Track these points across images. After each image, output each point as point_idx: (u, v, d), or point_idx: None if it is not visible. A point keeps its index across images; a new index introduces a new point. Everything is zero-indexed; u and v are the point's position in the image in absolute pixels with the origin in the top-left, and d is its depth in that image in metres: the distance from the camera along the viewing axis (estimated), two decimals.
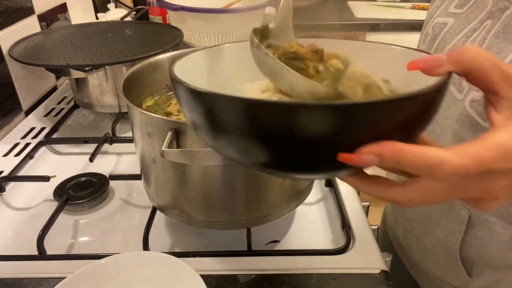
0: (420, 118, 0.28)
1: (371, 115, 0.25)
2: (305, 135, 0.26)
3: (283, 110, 0.26)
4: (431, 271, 0.58)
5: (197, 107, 0.29)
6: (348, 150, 0.26)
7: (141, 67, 0.58)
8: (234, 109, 0.27)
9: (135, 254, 0.46)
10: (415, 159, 0.25)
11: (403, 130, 0.27)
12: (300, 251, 0.53)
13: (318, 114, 0.25)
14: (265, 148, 0.28)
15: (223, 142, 0.31)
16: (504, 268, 0.50)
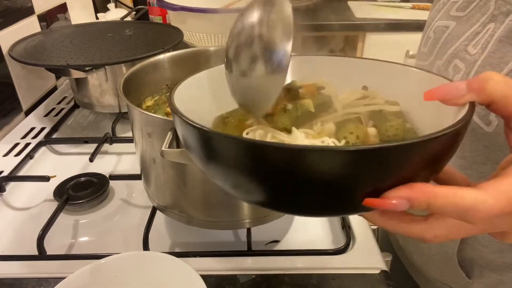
0: (447, 154, 0.27)
1: (398, 157, 0.24)
2: (324, 179, 0.24)
3: (299, 154, 0.23)
4: (430, 274, 0.58)
5: (195, 141, 0.28)
6: (373, 195, 0.25)
7: (141, 67, 0.58)
8: (250, 154, 0.25)
9: (135, 254, 0.46)
10: (449, 203, 0.24)
11: (430, 167, 0.26)
12: (300, 251, 0.53)
13: (335, 158, 0.23)
14: (275, 191, 0.27)
15: (218, 175, 0.29)
16: (504, 269, 0.50)
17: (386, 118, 0.33)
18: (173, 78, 0.61)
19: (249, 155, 0.25)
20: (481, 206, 0.23)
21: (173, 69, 0.61)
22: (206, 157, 0.28)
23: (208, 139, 0.27)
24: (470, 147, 0.46)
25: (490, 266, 0.51)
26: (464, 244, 0.51)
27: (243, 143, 0.25)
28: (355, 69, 0.39)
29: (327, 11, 1.77)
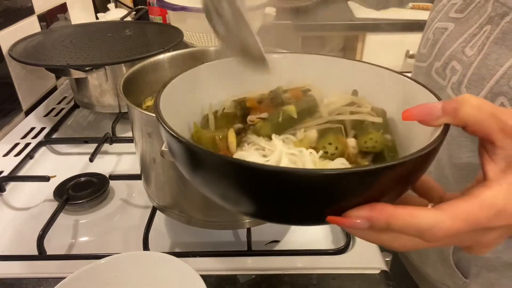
0: (417, 173, 0.28)
1: (362, 181, 0.25)
2: (291, 197, 0.26)
3: (267, 174, 0.25)
4: (428, 274, 0.58)
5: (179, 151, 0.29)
6: (337, 212, 0.26)
7: (141, 67, 0.58)
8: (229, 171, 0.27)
9: (135, 254, 0.46)
10: (407, 223, 0.25)
11: (399, 187, 0.27)
12: (300, 251, 0.53)
13: (305, 180, 0.24)
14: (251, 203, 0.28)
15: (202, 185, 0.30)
16: (500, 269, 0.50)
17: (367, 130, 0.34)
18: None
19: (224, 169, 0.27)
20: (437, 226, 0.25)
21: (173, 69, 0.61)
22: (189, 167, 0.29)
23: (188, 151, 0.28)
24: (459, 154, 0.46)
25: (486, 266, 0.51)
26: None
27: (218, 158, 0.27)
28: (346, 71, 0.39)
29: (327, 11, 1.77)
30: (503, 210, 0.25)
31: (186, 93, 0.37)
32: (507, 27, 0.42)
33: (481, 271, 0.52)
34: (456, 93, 0.47)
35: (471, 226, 0.25)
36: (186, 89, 0.37)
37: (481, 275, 0.52)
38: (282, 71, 0.40)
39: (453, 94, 0.47)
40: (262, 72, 0.38)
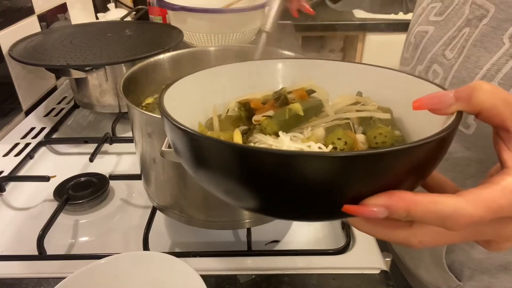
0: (432, 161, 0.27)
1: (380, 165, 0.24)
2: (305, 185, 0.24)
3: (283, 159, 0.23)
4: (423, 278, 0.58)
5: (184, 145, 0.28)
6: (354, 201, 0.25)
7: (141, 67, 0.58)
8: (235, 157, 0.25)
9: (135, 254, 0.46)
10: (428, 211, 0.24)
11: (415, 175, 0.26)
12: (300, 251, 0.53)
13: (319, 164, 0.23)
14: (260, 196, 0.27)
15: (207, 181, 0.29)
16: (493, 271, 0.50)
17: (375, 125, 0.33)
18: (173, 78, 0.60)
19: (233, 158, 0.25)
20: (460, 213, 0.23)
21: (173, 69, 0.61)
22: (195, 161, 0.28)
23: (194, 142, 0.27)
24: (452, 149, 0.46)
25: (479, 268, 0.51)
26: (452, 246, 0.51)
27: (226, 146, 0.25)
28: (350, 74, 0.39)
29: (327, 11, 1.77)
30: None
31: (190, 96, 0.36)
32: (485, 30, 0.42)
33: (475, 274, 0.52)
34: None
35: (494, 214, 0.24)
36: (189, 92, 0.37)
37: (474, 277, 0.52)
38: (284, 76, 0.40)
39: None
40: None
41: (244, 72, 0.39)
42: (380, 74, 0.37)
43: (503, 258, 0.49)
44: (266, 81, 0.39)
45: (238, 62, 0.40)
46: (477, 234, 0.27)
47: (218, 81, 0.39)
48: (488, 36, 0.41)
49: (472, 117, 0.42)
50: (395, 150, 0.24)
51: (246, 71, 0.39)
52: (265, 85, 0.39)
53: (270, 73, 0.40)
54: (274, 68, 0.40)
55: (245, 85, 0.39)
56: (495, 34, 0.41)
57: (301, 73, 0.40)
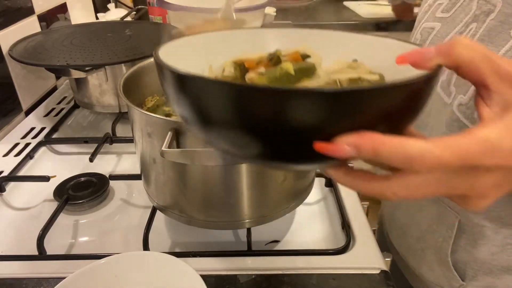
0: (406, 110, 0.27)
1: (354, 103, 0.24)
2: (282, 121, 0.25)
3: (264, 95, 0.24)
4: (424, 276, 0.58)
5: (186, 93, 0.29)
6: (327, 140, 0.25)
7: (141, 67, 0.58)
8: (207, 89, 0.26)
9: (135, 254, 0.46)
10: (394, 151, 0.24)
11: (387, 121, 0.26)
12: (300, 251, 0.53)
13: (295, 99, 0.24)
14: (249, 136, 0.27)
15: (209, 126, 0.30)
16: (496, 272, 0.50)
17: (363, 84, 0.33)
18: None
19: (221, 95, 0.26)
20: (426, 155, 0.23)
21: None
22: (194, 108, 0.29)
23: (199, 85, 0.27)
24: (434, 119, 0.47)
25: (482, 268, 0.51)
26: (456, 246, 0.51)
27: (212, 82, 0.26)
28: (345, 43, 0.39)
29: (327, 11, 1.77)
30: (498, 147, 0.24)
31: (185, 57, 0.36)
32: (492, 24, 0.42)
33: (477, 274, 0.52)
34: (446, 93, 0.47)
35: (461, 159, 0.24)
36: (184, 53, 0.37)
37: (477, 277, 0.52)
38: (280, 43, 0.40)
39: (444, 94, 0.47)
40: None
41: (240, 38, 0.39)
42: (376, 42, 0.37)
43: (507, 259, 0.49)
44: (261, 47, 0.39)
45: (234, 29, 0.40)
46: (449, 186, 0.26)
47: (213, 45, 0.39)
48: (495, 30, 0.42)
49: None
50: (368, 89, 0.24)
51: (241, 37, 0.39)
52: (261, 51, 0.39)
53: (266, 40, 0.40)
54: (271, 36, 0.40)
55: (240, 50, 0.39)
56: (502, 29, 0.41)
57: (297, 41, 0.40)
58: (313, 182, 0.57)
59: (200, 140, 0.44)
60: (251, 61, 0.37)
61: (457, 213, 0.49)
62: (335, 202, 0.62)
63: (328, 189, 0.66)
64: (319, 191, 0.65)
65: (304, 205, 0.59)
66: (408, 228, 0.60)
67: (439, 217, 0.52)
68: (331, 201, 0.63)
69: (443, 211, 0.51)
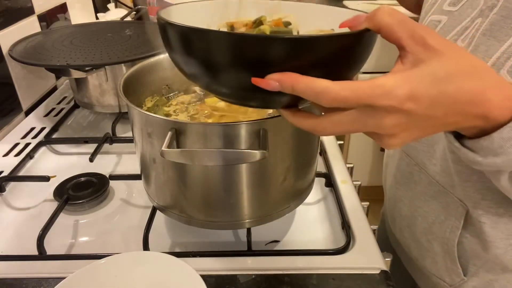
0: (334, 60, 0.33)
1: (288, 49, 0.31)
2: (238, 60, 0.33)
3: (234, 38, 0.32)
4: (427, 268, 0.58)
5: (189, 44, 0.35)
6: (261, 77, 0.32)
7: (141, 67, 0.58)
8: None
9: (135, 254, 0.46)
10: (306, 86, 0.30)
11: (319, 69, 0.32)
12: (300, 251, 0.53)
13: (247, 42, 0.31)
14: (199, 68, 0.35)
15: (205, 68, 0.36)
16: (498, 271, 0.51)
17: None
18: (173, 78, 0.61)
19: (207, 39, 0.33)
20: (328, 91, 0.30)
21: (173, 69, 0.61)
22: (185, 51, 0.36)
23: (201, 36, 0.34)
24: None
25: (485, 266, 0.51)
26: (462, 237, 0.51)
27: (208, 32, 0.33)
28: (326, 15, 0.44)
29: None
30: (390, 90, 0.29)
31: (184, 18, 0.40)
32: (494, 19, 0.42)
33: (479, 271, 0.52)
34: None
35: (358, 98, 0.29)
36: (181, 16, 0.42)
37: (478, 274, 0.52)
38: (267, 13, 0.46)
39: None
40: None
41: (231, 6, 0.47)
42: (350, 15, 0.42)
43: (509, 258, 0.49)
44: (252, 14, 0.46)
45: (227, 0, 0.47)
46: (360, 123, 0.31)
47: (207, 12, 0.46)
48: (498, 25, 0.42)
49: None
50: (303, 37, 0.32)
51: (232, 6, 0.47)
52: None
53: (256, 10, 0.47)
54: (260, 7, 0.47)
55: (232, 16, 0.47)
56: (504, 23, 0.41)
57: (284, 12, 0.47)
58: (313, 182, 0.57)
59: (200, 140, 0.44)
60: (239, 23, 0.44)
61: (465, 205, 0.50)
62: (335, 202, 0.62)
63: (328, 189, 0.66)
64: (319, 191, 0.65)
65: (304, 205, 0.59)
66: (413, 220, 0.60)
67: (448, 207, 0.52)
68: (331, 201, 0.63)
69: (451, 202, 0.51)
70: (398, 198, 0.63)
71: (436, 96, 0.29)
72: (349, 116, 0.31)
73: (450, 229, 0.52)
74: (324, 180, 0.66)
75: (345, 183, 0.65)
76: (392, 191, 0.65)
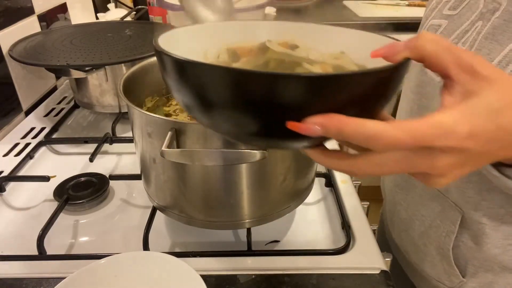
0: (374, 96, 0.29)
1: (327, 88, 0.27)
2: (261, 101, 0.28)
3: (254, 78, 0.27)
4: (426, 272, 0.59)
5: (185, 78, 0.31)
6: (298, 120, 0.28)
7: (141, 67, 0.58)
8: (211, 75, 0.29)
9: (135, 254, 0.46)
10: (356, 131, 0.27)
11: (357, 106, 0.29)
12: (300, 251, 0.53)
13: (272, 82, 0.27)
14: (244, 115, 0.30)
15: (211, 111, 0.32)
16: (497, 270, 0.51)
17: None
18: None
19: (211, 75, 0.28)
20: (382, 135, 0.26)
21: None
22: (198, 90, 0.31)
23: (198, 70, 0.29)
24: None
25: (483, 266, 0.51)
26: (458, 241, 0.52)
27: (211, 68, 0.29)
28: (333, 36, 0.40)
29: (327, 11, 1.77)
30: (450, 131, 0.26)
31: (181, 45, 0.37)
32: (497, 22, 0.42)
33: (478, 271, 0.52)
34: None
35: (415, 141, 0.26)
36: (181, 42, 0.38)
37: (477, 274, 0.52)
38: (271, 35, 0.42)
39: None
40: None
41: (233, 29, 0.42)
42: (360, 36, 0.39)
43: (508, 259, 0.49)
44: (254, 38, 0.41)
45: (227, 21, 0.43)
46: (410, 165, 0.28)
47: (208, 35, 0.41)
48: (500, 29, 0.42)
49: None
50: (339, 75, 0.27)
51: (234, 29, 0.42)
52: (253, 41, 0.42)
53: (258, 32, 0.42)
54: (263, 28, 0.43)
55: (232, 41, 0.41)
56: (506, 27, 0.41)
57: (288, 34, 0.42)
58: (313, 182, 0.57)
59: (200, 140, 0.44)
60: (243, 49, 0.40)
61: (460, 209, 0.50)
62: (335, 202, 0.62)
63: (328, 189, 0.66)
64: (319, 191, 0.65)
65: (304, 205, 0.59)
66: (410, 224, 0.60)
67: (443, 212, 0.52)
68: (331, 201, 0.63)
69: (447, 207, 0.51)
70: (397, 201, 0.63)
71: (494, 131, 0.27)
72: (395, 156, 0.28)
73: (446, 233, 0.52)
74: (324, 180, 0.66)
75: (345, 183, 0.65)
76: (391, 195, 0.65)
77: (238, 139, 0.37)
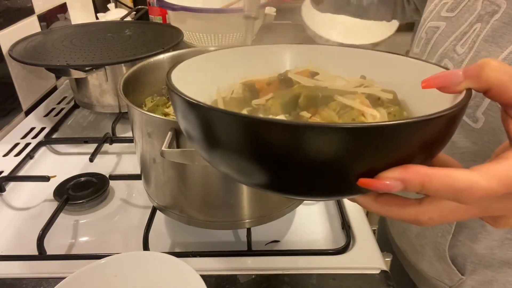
0: (443, 137, 0.26)
1: (394, 136, 0.23)
2: (318, 157, 0.24)
3: (292, 130, 0.23)
4: (425, 271, 0.59)
5: (195, 121, 0.28)
6: (367, 174, 0.24)
7: (141, 67, 0.58)
8: (240, 127, 0.25)
9: (135, 254, 0.46)
10: (443, 184, 0.23)
11: (425, 150, 0.26)
12: (300, 251, 0.53)
13: (334, 136, 0.23)
14: (271, 171, 0.26)
15: (220, 159, 0.29)
16: (496, 265, 0.51)
17: (384, 105, 0.33)
18: None
19: (245, 130, 0.25)
20: (474, 187, 0.23)
21: None
22: (205, 137, 0.28)
23: (209, 116, 0.26)
24: (458, 144, 0.46)
25: (482, 262, 0.51)
26: (455, 241, 0.52)
27: (239, 118, 0.25)
28: (352, 59, 0.39)
29: None
30: None
31: (193, 78, 0.36)
32: (496, 25, 0.42)
33: (477, 268, 0.52)
34: None
35: (508, 188, 0.23)
36: (193, 74, 0.36)
37: (477, 271, 0.52)
38: (287, 60, 0.40)
39: None
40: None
41: (247, 55, 0.39)
42: (381, 58, 0.37)
43: (506, 253, 0.49)
44: (268, 65, 0.39)
45: (241, 46, 0.40)
46: (486, 209, 0.26)
47: (221, 64, 0.39)
48: (500, 31, 0.42)
49: (481, 111, 0.43)
50: (410, 122, 0.23)
51: (249, 55, 0.39)
52: (268, 69, 0.39)
53: (273, 58, 0.40)
54: (277, 53, 0.40)
55: (247, 69, 0.39)
56: (506, 30, 0.41)
57: (304, 58, 0.40)
58: None
59: None
60: (260, 82, 0.36)
61: None
62: (335, 202, 0.62)
63: None
64: None
65: (304, 205, 0.59)
66: (408, 225, 0.60)
67: None
68: (331, 201, 0.63)
69: None
70: None
71: None
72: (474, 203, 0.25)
73: (442, 233, 0.53)
74: None
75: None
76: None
77: (246, 185, 0.33)
